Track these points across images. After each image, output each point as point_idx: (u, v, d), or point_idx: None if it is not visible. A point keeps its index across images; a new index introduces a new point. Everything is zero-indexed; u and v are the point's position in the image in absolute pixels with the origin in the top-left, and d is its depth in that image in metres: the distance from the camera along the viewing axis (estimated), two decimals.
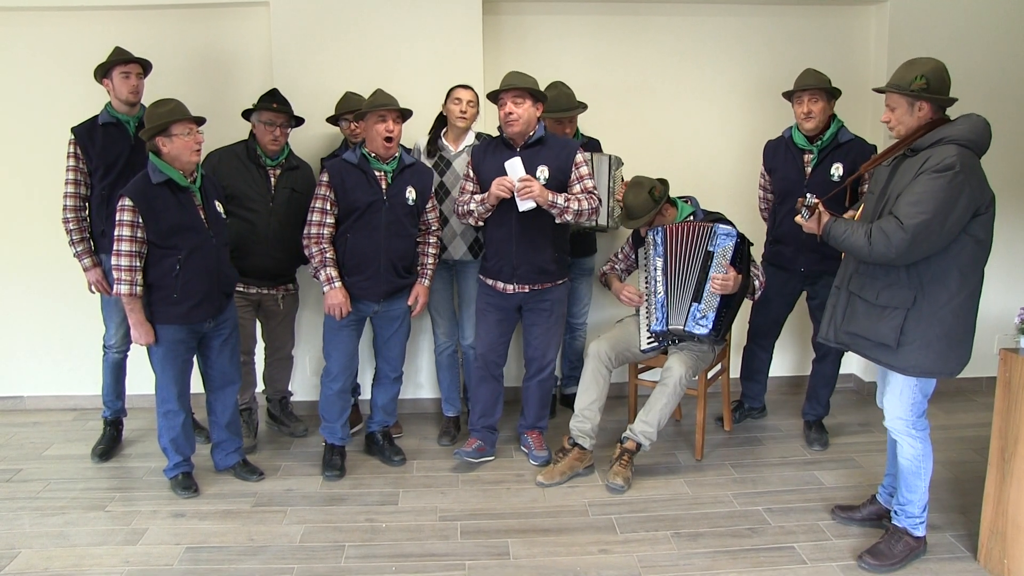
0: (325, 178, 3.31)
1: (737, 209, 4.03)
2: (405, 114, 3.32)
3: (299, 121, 3.64)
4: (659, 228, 3.47)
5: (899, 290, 2.61)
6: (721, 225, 3.37)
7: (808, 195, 2.75)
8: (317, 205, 3.32)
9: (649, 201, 3.44)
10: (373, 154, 3.30)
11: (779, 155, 3.71)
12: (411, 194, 3.36)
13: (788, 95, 3.62)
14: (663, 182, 3.52)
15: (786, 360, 4.55)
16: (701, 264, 3.37)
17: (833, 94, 3.54)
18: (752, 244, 3.45)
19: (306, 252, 3.36)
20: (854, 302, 2.73)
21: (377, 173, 3.31)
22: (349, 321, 3.40)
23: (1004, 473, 2.66)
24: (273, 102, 3.52)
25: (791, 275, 3.71)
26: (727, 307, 3.37)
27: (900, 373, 2.68)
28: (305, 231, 3.35)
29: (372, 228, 3.30)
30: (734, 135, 4.30)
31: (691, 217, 3.53)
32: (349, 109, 3.66)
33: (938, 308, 2.58)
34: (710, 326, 3.35)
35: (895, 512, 2.86)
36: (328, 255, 3.32)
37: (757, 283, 3.47)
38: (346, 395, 3.55)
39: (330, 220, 3.33)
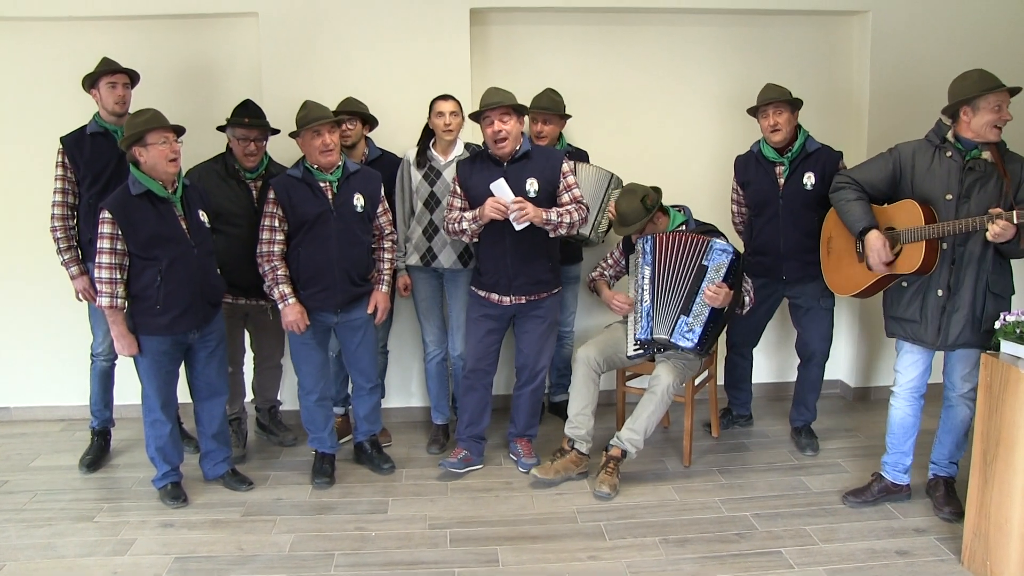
0: (271, 195, 3.30)
1: (721, 218, 4.05)
2: (342, 122, 3.45)
3: (274, 131, 3.62)
4: (648, 236, 3.48)
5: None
6: (718, 240, 3.37)
7: (1016, 211, 2.75)
8: (266, 223, 3.32)
9: (641, 209, 3.44)
10: (315, 166, 3.31)
11: (751, 169, 3.76)
12: (359, 201, 3.38)
13: (753, 111, 3.67)
14: (656, 190, 3.52)
15: (769, 366, 4.57)
16: (694, 277, 3.37)
17: (795, 105, 3.59)
18: (746, 261, 3.46)
19: (260, 270, 3.35)
20: (990, 300, 2.96)
21: (322, 184, 3.32)
22: (313, 334, 3.41)
23: (986, 476, 2.70)
24: (245, 116, 3.49)
25: (773, 283, 3.74)
26: (714, 322, 3.37)
27: None
28: (257, 249, 3.34)
29: (323, 239, 3.31)
30: (718, 145, 4.33)
31: (683, 227, 3.54)
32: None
33: None
34: (696, 340, 3.35)
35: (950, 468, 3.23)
36: (280, 272, 3.32)
37: (748, 299, 3.48)
38: (326, 403, 3.54)
39: (280, 237, 3.32)
